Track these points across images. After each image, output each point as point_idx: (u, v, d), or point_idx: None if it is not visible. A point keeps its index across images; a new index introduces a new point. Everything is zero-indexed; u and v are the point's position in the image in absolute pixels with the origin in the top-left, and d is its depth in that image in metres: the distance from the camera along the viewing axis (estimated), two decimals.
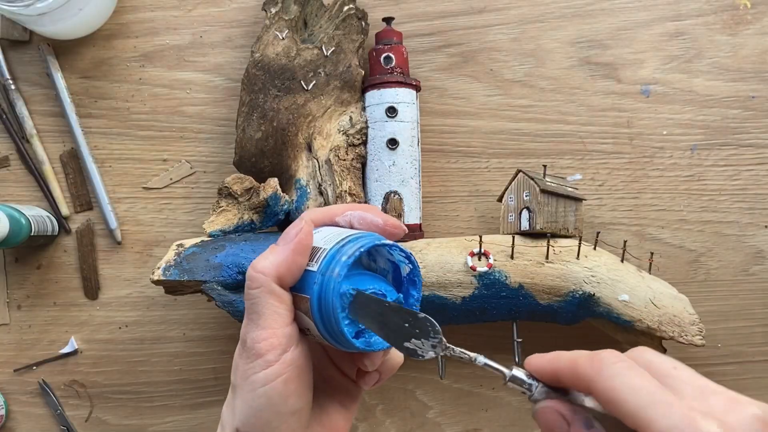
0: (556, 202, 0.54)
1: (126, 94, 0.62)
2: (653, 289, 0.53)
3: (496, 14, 0.62)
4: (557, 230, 0.54)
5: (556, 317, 0.54)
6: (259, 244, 0.53)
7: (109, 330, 0.63)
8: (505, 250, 0.53)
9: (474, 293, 0.53)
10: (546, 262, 0.53)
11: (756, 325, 0.61)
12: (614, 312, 0.52)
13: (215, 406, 0.62)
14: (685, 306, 0.53)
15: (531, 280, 0.53)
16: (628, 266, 0.54)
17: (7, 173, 0.63)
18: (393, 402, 0.62)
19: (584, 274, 0.53)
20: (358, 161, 0.56)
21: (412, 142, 0.57)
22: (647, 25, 0.61)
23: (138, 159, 0.63)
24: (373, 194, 0.56)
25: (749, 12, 0.61)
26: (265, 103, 0.56)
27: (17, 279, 0.63)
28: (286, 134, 0.56)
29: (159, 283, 0.52)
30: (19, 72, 0.63)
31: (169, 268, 0.52)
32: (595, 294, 0.52)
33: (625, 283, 0.53)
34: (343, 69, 0.57)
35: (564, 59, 0.61)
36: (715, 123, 0.61)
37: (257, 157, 0.56)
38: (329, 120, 0.57)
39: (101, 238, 0.63)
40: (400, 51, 0.57)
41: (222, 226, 0.55)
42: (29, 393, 0.63)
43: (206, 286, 0.51)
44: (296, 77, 0.56)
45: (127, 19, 0.63)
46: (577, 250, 0.53)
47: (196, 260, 0.52)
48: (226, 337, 0.62)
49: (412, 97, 0.57)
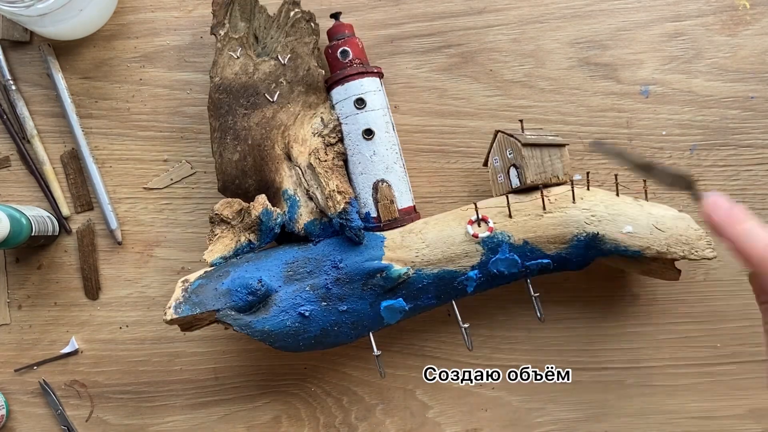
0: (540, 153, 0.54)
1: (126, 94, 0.63)
2: (654, 214, 0.53)
3: (495, 15, 0.62)
4: (548, 180, 0.54)
5: (566, 264, 0.54)
6: (261, 262, 0.54)
7: (110, 330, 0.63)
8: (503, 211, 0.54)
9: (482, 260, 0.53)
10: (544, 213, 0.53)
11: (756, 325, 0.61)
12: (621, 245, 0.52)
13: (215, 406, 0.63)
14: (689, 223, 0.53)
15: (534, 233, 0.53)
16: (624, 198, 0.54)
17: (8, 173, 0.63)
18: (393, 402, 0.62)
19: (584, 216, 0.53)
20: (339, 159, 0.56)
21: (387, 128, 0.57)
22: (647, 25, 0.61)
23: (138, 159, 0.63)
24: (362, 187, 0.56)
25: (748, 13, 0.61)
26: (235, 123, 0.56)
27: (18, 279, 0.63)
28: (262, 149, 0.56)
29: (173, 322, 0.51)
30: (19, 72, 0.63)
31: (179, 305, 0.51)
32: (598, 232, 0.52)
33: (626, 215, 0.53)
34: (303, 73, 0.57)
35: (564, 60, 0.61)
36: (714, 123, 0.61)
37: (240, 178, 0.56)
38: (302, 126, 0.57)
39: (102, 239, 0.63)
40: (354, 43, 0.58)
41: (221, 253, 0.55)
42: (30, 393, 0.63)
43: (220, 314, 0.51)
44: (260, 92, 0.56)
45: (128, 20, 0.63)
46: (572, 195, 0.53)
47: (204, 291, 0.52)
48: (226, 337, 0.62)
49: (377, 85, 0.57)
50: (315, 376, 0.62)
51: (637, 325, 0.61)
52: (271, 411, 0.62)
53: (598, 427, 0.61)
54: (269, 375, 0.62)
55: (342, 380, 0.62)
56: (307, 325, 0.53)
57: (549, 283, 0.60)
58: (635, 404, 0.61)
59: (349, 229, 0.53)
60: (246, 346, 0.62)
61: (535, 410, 0.61)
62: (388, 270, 0.53)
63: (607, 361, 0.61)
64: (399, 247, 0.54)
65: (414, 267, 0.53)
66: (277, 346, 0.53)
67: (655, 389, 0.61)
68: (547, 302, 0.60)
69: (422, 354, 0.62)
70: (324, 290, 0.53)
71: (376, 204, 0.56)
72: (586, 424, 0.61)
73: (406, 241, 0.54)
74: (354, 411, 0.62)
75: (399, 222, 0.56)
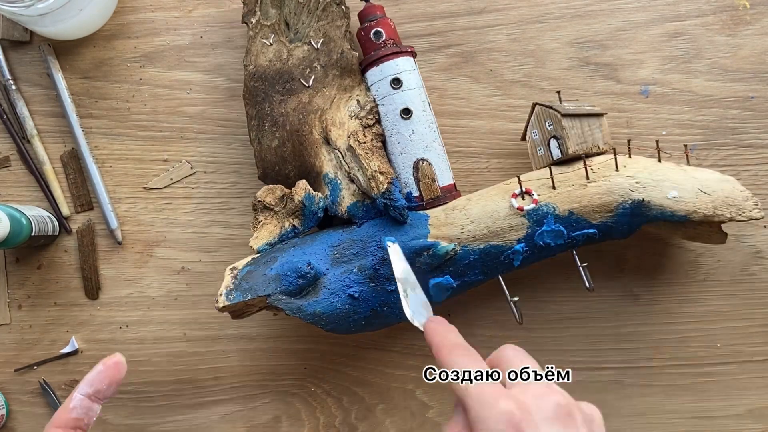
0: (580, 123, 0.54)
1: (126, 94, 0.63)
2: (698, 178, 0.53)
3: (495, 15, 0.62)
4: (589, 150, 0.54)
5: (612, 233, 0.54)
6: (308, 246, 0.54)
7: (110, 330, 0.63)
8: (546, 183, 0.54)
9: (528, 232, 0.53)
10: (588, 182, 0.53)
11: (755, 325, 0.61)
12: (668, 211, 0.52)
13: (215, 406, 0.63)
14: (734, 185, 0.53)
15: (579, 203, 0.53)
16: (667, 164, 0.54)
17: (8, 173, 0.63)
18: (393, 402, 0.62)
19: (628, 183, 0.53)
20: (378, 140, 0.56)
21: (424, 107, 0.57)
22: (646, 25, 0.61)
23: (138, 159, 0.63)
24: (402, 166, 0.56)
25: (748, 12, 0.61)
26: (272, 110, 0.56)
27: (18, 279, 0.63)
28: (301, 134, 0.56)
29: (225, 309, 0.52)
30: (19, 72, 0.63)
31: (230, 292, 0.52)
32: (644, 199, 0.52)
33: (670, 180, 0.53)
34: (336, 57, 0.57)
35: (563, 60, 0.61)
36: (714, 123, 0.61)
37: (280, 164, 0.57)
38: (338, 109, 0.57)
39: (102, 238, 0.63)
40: (387, 23, 0.58)
41: (267, 239, 0.55)
42: (30, 393, 0.63)
43: (271, 299, 0.52)
44: (294, 77, 0.57)
45: (128, 20, 0.63)
46: (615, 163, 0.53)
47: (254, 278, 0.52)
48: (226, 337, 0.62)
49: (411, 64, 0.57)
50: (315, 376, 0.62)
51: (637, 325, 0.61)
52: (271, 411, 0.62)
53: None
54: (269, 375, 0.62)
55: (342, 380, 0.62)
56: (357, 306, 0.53)
57: (549, 283, 0.60)
58: (634, 404, 0.61)
59: (394, 209, 0.53)
60: (246, 346, 0.62)
61: None
62: (435, 247, 0.53)
63: (607, 361, 0.61)
64: (444, 224, 0.54)
65: (460, 243, 0.53)
66: (329, 328, 0.53)
67: (654, 389, 0.61)
68: (546, 302, 0.61)
69: (422, 354, 0.62)
70: (372, 271, 0.53)
71: (417, 183, 0.56)
72: None
73: (451, 218, 0.54)
74: (354, 411, 0.62)
75: (441, 200, 0.56)
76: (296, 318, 0.52)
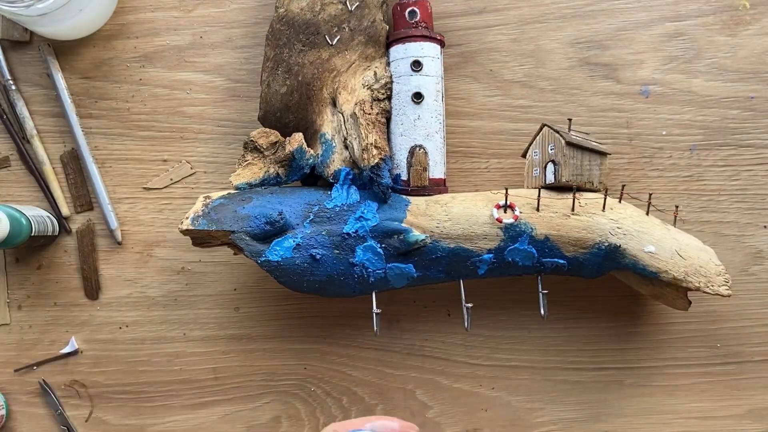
0: (581, 156, 0.54)
1: (126, 94, 0.63)
2: (679, 240, 0.53)
3: (495, 15, 0.62)
4: (582, 183, 0.54)
5: (580, 270, 0.54)
6: (285, 196, 0.54)
7: (110, 330, 0.63)
8: (531, 203, 0.54)
9: (500, 245, 0.53)
10: (572, 214, 0.53)
11: (755, 325, 0.61)
12: (640, 263, 0.52)
13: (215, 406, 0.63)
14: (711, 257, 0.53)
15: (557, 231, 0.53)
16: (653, 219, 0.54)
17: (8, 173, 0.63)
18: (393, 402, 0.62)
19: (610, 226, 0.53)
20: (383, 116, 0.56)
21: (436, 96, 0.57)
22: (647, 25, 0.61)
23: (138, 159, 0.63)
24: (398, 148, 0.56)
25: (748, 12, 0.61)
26: (290, 57, 0.56)
27: (18, 279, 0.63)
28: (311, 89, 0.57)
29: (187, 233, 0.53)
30: (19, 72, 0.63)
31: (197, 218, 0.52)
32: (621, 245, 0.52)
33: (651, 234, 0.53)
34: (367, 24, 0.57)
35: (563, 60, 0.61)
36: (714, 123, 0.61)
37: (282, 111, 0.57)
38: (354, 75, 0.57)
39: (102, 239, 0.63)
40: (424, 5, 0.57)
41: (248, 179, 0.56)
42: (30, 393, 0.63)
43: (234, 236, 0.52)
44: (321, 32, 0.57)
45: (128, 20, 0.63)
46: (603, 203, 0.53)
47: (224, 211, 0.53)
48: (226, 337, 0.62)
49: (436, 52, 0.57)
50: (315, 376, 0.62)
51: (637, 325, 0.61)
52: (271, 411, 0.62)
53: (597, 427, 0.61)
54: (269, 375, 0.62)
55: (342, 380, 0.62)
56: (316, 269, 0.53)
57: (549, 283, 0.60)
58: (635, 404, 0.61)
59: (378, 185, 0.53)
60: (246, 346, 0.62)
61: (535, 410, 0.61)
62: (407, 233, 0.53)
63: (607, 361, 0.61)
64: (422, 214, 0.54)
65: (432, 237, 0.53)
66: (282, 281, 0.54)
67: (654, 389, 0.61)
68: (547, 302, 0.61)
69: (422, 354, 0.62)
70: (339, 238, 0.53)
71: (408, 168, 0.56)
72: (585, 424, 0.61)
73: (430, 210, 0.54)
74: (354, 411, 0.62)
75: (427, 190, 0.56)
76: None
